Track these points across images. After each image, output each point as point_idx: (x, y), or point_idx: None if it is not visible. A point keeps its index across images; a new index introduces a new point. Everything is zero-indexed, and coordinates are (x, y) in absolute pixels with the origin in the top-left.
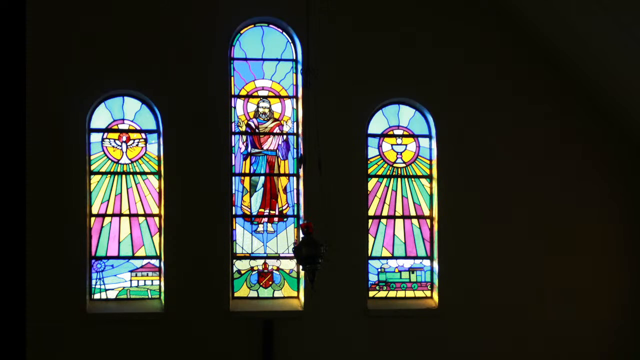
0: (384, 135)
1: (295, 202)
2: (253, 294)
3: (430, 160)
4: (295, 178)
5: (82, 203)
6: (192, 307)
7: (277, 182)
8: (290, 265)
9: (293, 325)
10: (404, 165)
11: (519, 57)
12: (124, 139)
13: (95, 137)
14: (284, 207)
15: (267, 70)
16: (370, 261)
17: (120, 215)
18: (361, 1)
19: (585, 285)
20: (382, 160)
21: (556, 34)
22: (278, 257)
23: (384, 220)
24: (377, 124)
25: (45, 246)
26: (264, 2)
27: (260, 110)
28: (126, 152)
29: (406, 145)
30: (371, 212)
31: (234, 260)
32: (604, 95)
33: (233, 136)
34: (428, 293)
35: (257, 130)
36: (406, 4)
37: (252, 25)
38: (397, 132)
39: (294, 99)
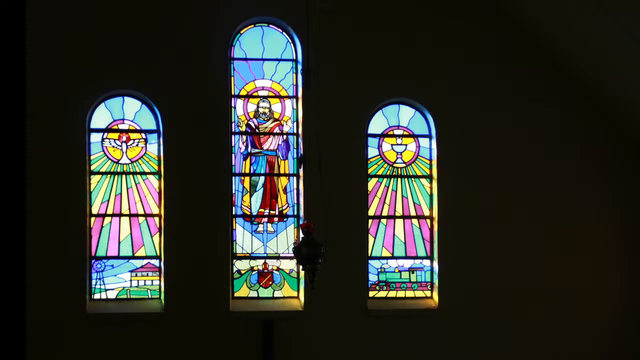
0: (384, 135)
1: (295, 202)
2: (253, 294)
3: (430, 160)
4: (295, 178)
5: (82, 203)
6: (192, 307)
7: (277, 182)
8: (290, 265)
9: (293, 325)
10: (404, 165)
11: (519, 57)
12: (124, 139)
13: (95, 137)
14: (284, 207)
15: (267, 70)
16: (370, 261)
17: (120, 215)
18: (361, 1)
19: (585, 285)
20: (382, 160)
21: (556, 34)
22: (278, 257)
23: (384, 220)
24: (377, 124)
25: (45, 246)
26: (264, 2)
27: (260, 110)
28: (126, 152)
29: (406, 145)
30: (371, 212)
31: (234, 260)
32: (604, 95)
33: (233, 136)
34: (428, 293)
35: (257, 130)
36: (406, 4)
37: (252, 25)
38: (397, 132)
39: (294, 99)
